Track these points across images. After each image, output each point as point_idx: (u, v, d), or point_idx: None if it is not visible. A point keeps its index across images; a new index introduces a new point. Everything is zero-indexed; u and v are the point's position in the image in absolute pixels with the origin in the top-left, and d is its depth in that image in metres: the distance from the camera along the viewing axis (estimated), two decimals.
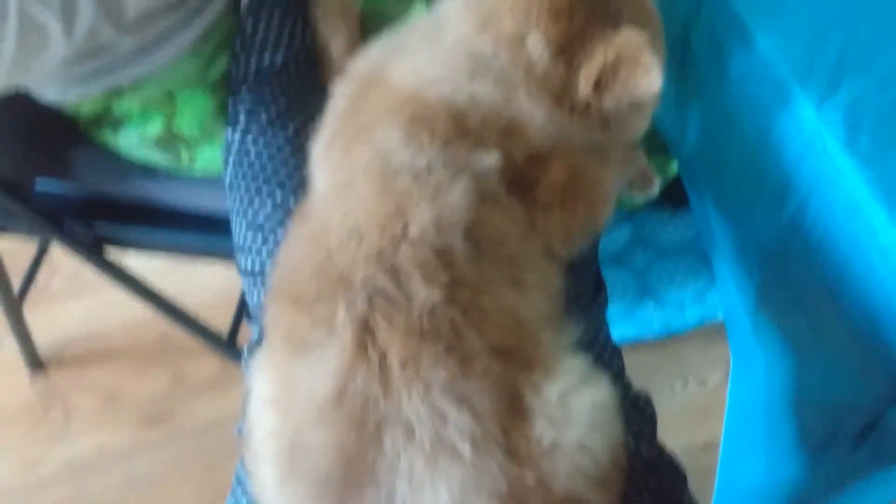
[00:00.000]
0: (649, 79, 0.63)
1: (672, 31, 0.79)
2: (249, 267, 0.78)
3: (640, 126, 0.73)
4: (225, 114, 0.86)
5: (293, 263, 0.67)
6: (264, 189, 0.78)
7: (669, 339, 1.43)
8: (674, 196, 1.16)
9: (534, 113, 0.67)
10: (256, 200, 0.78)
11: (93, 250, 1.02)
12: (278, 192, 0.77)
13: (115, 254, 1.06)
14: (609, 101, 0.66)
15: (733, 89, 0.80)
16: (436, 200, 0.62)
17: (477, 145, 0.66)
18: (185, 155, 0.92)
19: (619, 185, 0.78)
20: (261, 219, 0.77)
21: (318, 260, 0.64)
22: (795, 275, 0.81)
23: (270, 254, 0.76)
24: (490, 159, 0.65)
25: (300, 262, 0.66)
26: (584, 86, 0.65)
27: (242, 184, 0.79)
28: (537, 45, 0.65)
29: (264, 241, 0.77)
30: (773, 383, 0.98)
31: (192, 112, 0.88)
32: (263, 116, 0.81)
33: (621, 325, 1.40)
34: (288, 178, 0.78)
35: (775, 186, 0.78)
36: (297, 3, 0.86)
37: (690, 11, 0.83)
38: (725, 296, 1.08)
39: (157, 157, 0.94)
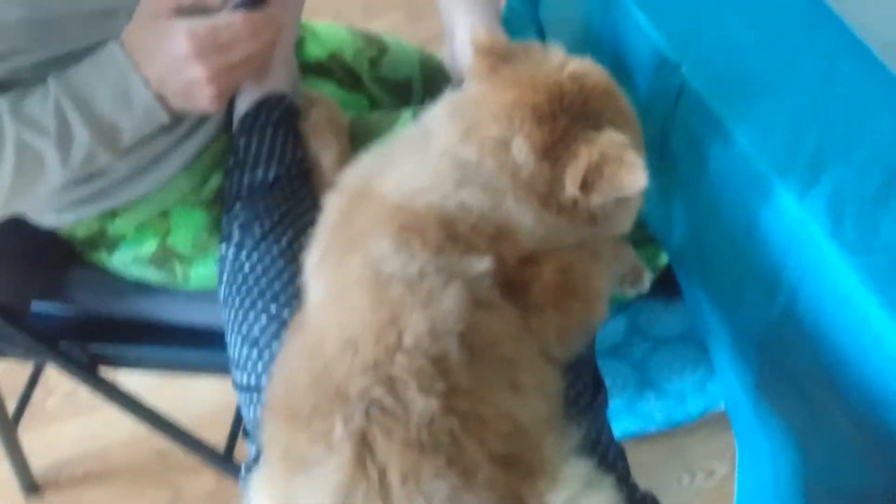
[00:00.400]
0: (635, 176, 0.65)
1: (650, 129, 0.82)
2: (245, 382, 0.77)
3: (628, 221, 0.74)
4: (219, 229, 0.88)
5: (289, 377, 0.66)
6: (259, 303, 0.78)
7: (673, 431, 1.41)
8: (666, 285, 1.16)
9: (523, 216, 0.68)
10: (251, 315, 0.78)
11: (88, 370, 1.02)
12: (273, 306, 0.78)
13: (109, 369, 1.05)
14: (597, 200, 0.67)
15: (715, 185, 0.81)
16: (429, 308, 0.63)
17: (468, 251, 0.66)
18: (179, 271, 0.93)
19: (612, 281, 0.79)
20: (256, 333, 0.77)
21: (314, 373, 0.63)
22: (792, 364, 0.81)
23: (266, 368, 0.76)
24: (482, 264, 0.66)
25: (296, 375, 0.65)
26: (570, 186, 0.67)
27: (237, 299, 0.79)
28: (522, 150, 0.67)
29: (259, 355, 0.76)
30: (779, 471, 0.97)
31: (187, 230, 0.90)
32: (257, 230, 0.82)
33: (623, 420, 1.38)
34: (282, 290, 0.78)
35: (764, 277, 0.78)
36: (287, 120, 0.89)
37: (667, 110, 0.86)
38: (726, 384, 1.08)
39: (151, 275, 0.94)
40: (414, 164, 0.70)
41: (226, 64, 0.77)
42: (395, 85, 1.13)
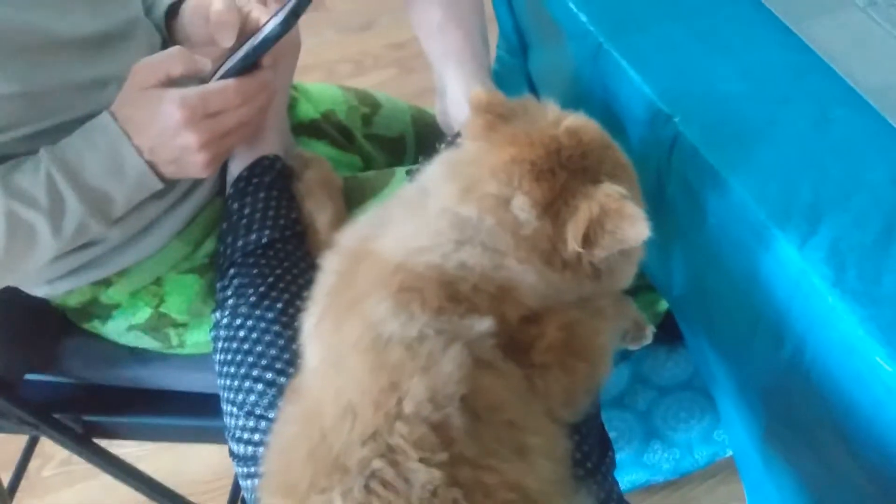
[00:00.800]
0: (637, 227, 0.64)
1: (646, 179, 0.81)
2: (242, 452, 0.75)
3: (630, 273, 0.73)
4: (213, 294, 0.86)
5: (285, 447, 0.65)
6: (254, 372, 0.77)
7: (680, 479, 1.39)
8: (667, 332, 1.15)
9: (525, 275, 0.67)
10: (247, 383, 0.76)
11: (82, 441, 0.99)
12: (268, 374, 0.76)
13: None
14: (600, 254, 0.66)
15: (714, 234, 0.81)
16: (429, 372, 0.61)
17: (469, 311, 0.65)
18: (174, 338, 0.92)
19: (616, 338, 0.77)
20: (251, 402, 0.75)
21: (312, 443, 0.62)
22: (801, 414, 0.79)
23: (263, 438, 0.74)
24: (483, 325, 0.65)
25: (293, 445, 0.64)
26: (572, 241, 0.66)
27: (231, 368, 0.78)
28: (523, 207, 0.66)
29: (256, 425, 0.75)
30: None
31: (181, 296, 0.88)
32: (251, 296, 0.81)
33: (630, 472, 1.36)
34: (278, 357, 0.77)
35: (769, 328, 0.77)
36: (280, 182, 0.88)
37: (662, 161, 0.85)
38: (733, 434, 1.05)
39: (146, 342, 0.93)
40: (412, 224, 0.70)
41: (217, 130, 0.77)
42: (388, 141, 1.13)
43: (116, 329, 0.91)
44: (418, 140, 1.14)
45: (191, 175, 0.80)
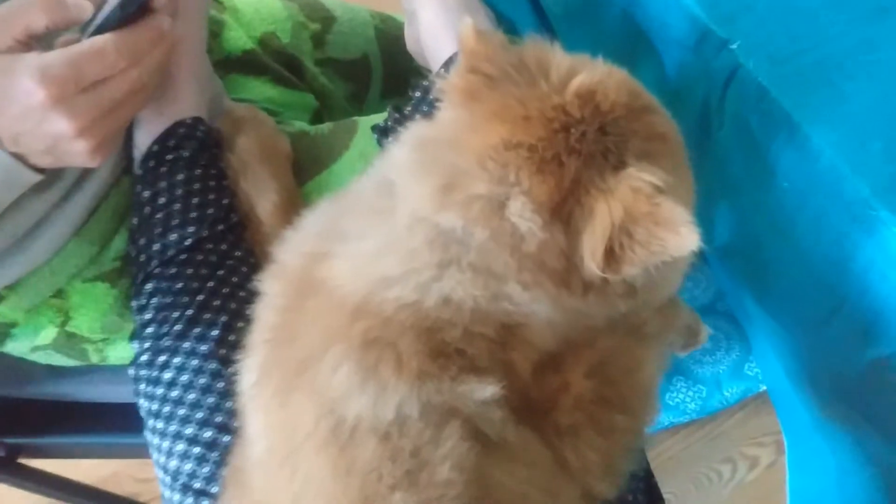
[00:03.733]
0: (679, 237, 0.44)
1: (687, 114, 0.61)
2: None
3: (677, 281, 0.55)
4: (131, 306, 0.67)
5: None
6: (187, 430, 0.58)
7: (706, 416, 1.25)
8: None
9: (534, 306, 0.48)
10: (179, 446, 0.58)
11: (6, 465, 0.82)
12: (206, 432, 0.58)
13: None
14: (629, 271, 0.47)
15: (785, 200, 0.61)
16: (417, 483, 0.43)
17: (464, 371, 0.47)
18: (93, 354, 0.73)
19: (664, 363, 0.58)
20: (188, 473, 0.58)
21: None
22: (879, 406, 0.66)
23: None
24: (486, 391, 0.46)
25: None
26: (590, 260, 0.46)
27: (160, 424, 0.60)
28: (523, 212, 0.46)
29: (196, 502, 0.57)
30: (848, 492, 0.81)
31: (91, 311, 0.69)
32: (177, 322, 0.61)
33: None
34: (217, 407, 0.59)
35: (857, 321, 0.60)
36: (205, 155, 0.67)
37: (711, 94, 0.65)
38: (769, 373, 0.92)
39: (59, 360, 0.74)
40: (374, 240, 0.50)
41: (100, 107, 0.55)
42: (347, 66, 0.90)
43: (19, 350, 0.72)
44: (386, 60, 0.91)
45: (75, 165, 0.59)
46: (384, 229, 0.50)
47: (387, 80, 0.92)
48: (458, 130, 0.50)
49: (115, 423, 0.81)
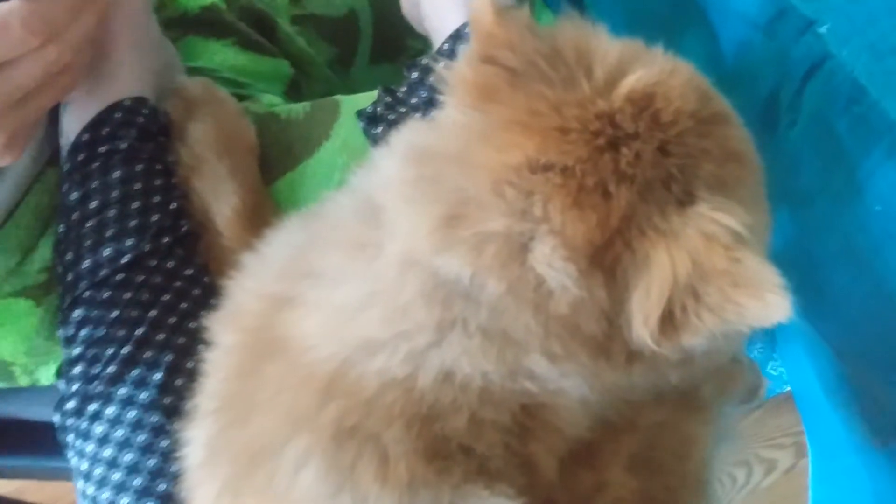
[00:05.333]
0: (764, 305, 0.34)
1: (746, 105, 0.49)
2: None
3: (739, 344, 0.44)
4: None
5: None
6: (122, 502, 0.47)
7: None
8: None
9: (564, 384, 0.37)
10: None
11: None
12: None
13: None
14: (690, 341, 0.36)
15: (873, 222, 0.51)
16: None
17: (470, 476, 0.35)
18: (23, 378, 0.60)
19: (717, 435, 0.47)
20: None
21: None
22: None
23: None
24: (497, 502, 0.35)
25: None
26: (642, 328, 0.35)
27: (89, 489, 0.48)
28: (552, 260, 0.34)
29: None
30: None
31: (13, 333, 0.56)
32: (111, 363, 0.49)
33: None
34: (157, 474, 0.47)
35: None
36: (149, 146, 0.54)
37: (786, 83, 0.53)
38: (798, 377, 0.85)
39: None
40: (354, 286, 0.38)
41: (9, 95, 0.43)
42: (330, 25, 0.76)
43: None
44: (377, 16, 0.77)
45: None
46: (367, 273, 0.38)
47: (377, 42, 0.78)
48: (467, 142, 0.37)
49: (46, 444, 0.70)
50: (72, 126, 0.54)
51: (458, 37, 0.52)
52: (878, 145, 0.46)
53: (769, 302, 0.33)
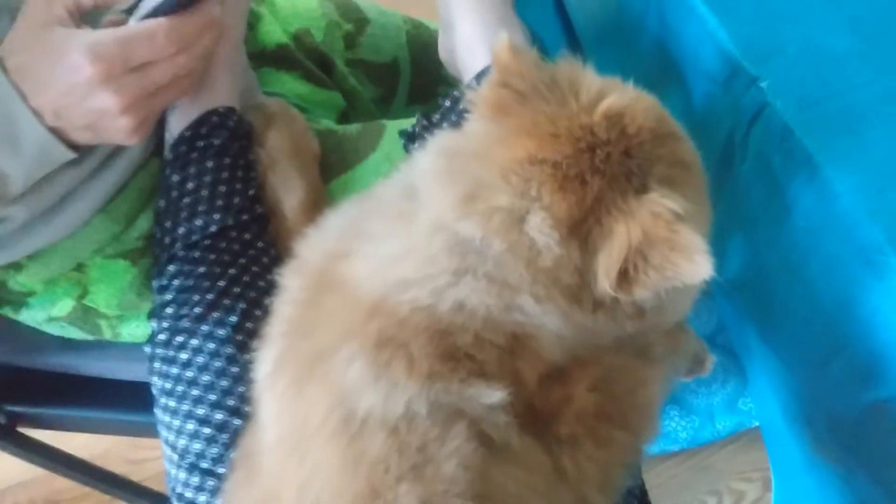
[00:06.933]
0: (693, 264, 0.46)
1: (708, 145, 0.62)
2: None
3: (686, 307, 0.56)
4: (150, 286, 0.68)
5: None
6: (199, 410, 0.59)
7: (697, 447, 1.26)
8: None
9: (545, 319, 0.49)
10: (190, 425, 0.59)
11: (6, 433, 0.83)
12: (217, 414, 0.59)
13: None
14: (641, 294, 0.48)
15: (800, 238, 0.63)
16: (423, 476, 0.45)
17: (472, 375, 0.48)
18: (107, 330, 0.74)
19: (667, 386, 0.59)
20: (196, 452, 0.59)
21: None
22: (874, 450, 0.66)
23: (211, 501, 0.58)
24: (493, 396, 0.48)
25: None
26: (604, 279, 0.48)
27: (172, 402, 0.61)
28: (542, 228, 0.48)
29: (202, 483, 0.59)
30: None
31: (109, 288, 0.70)
32: (197, 306, 0.62)
33: None
34: (229, 390, 0.60)
35: (857, 363, 0.61)
36: (235, 146, 0.68)
37: (736, 130, 0.66)
38: (763, 410, 0.93)
39: (72, 332, 0.75)
40: (395, 242, 0.51)
41: (145, 88, 0.57)
42: (376, 69, 0.91)
43: (33, 319, 0.73)
44: (414, 66, 0.93)
45: (113, 142, 0.61)
46: (405, 233, 0.51)
47: (414, 86, 0.94)
48: (485, 142, 0.51)
49: (116, 400, 0.82)
50: (177, 124, 0.68)
51: (482, 74, 0.66)
52: (800, 174, 0.59)
53: (697, 262, 0.46)
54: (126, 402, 0.82)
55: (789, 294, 0.69)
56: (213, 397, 0.60)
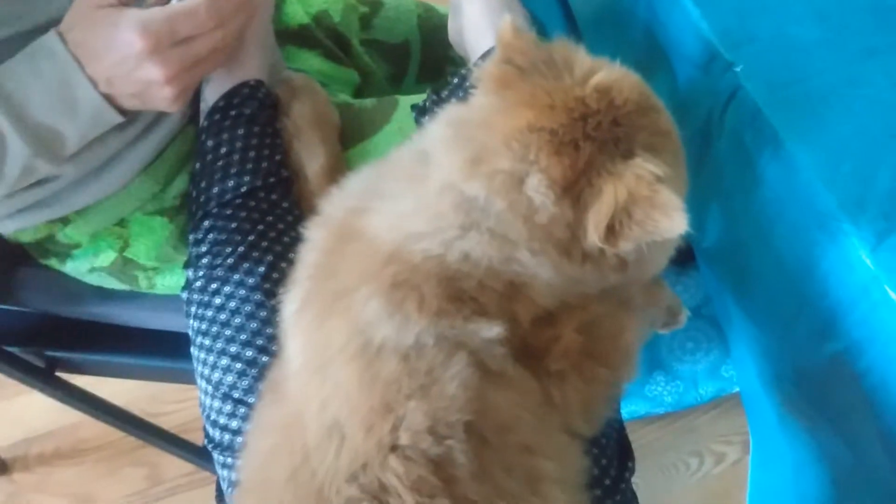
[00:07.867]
0: (670, 220, 0.52)
1: (690, 126, 0.69)
2: (219, 439, 0.67)
3: (663, 262, 0.63)
4: (184, 240, 0.76)
5: (265, 461, 0.56)
6: (231, 348, 0.67)
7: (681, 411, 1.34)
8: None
9: (539, 269, 0.56)
10: (224, 360, 0.67)
11: (45, 377, 0.91)
12: (248, 351, 0.67)
13: None
14: (625, 247, 0.55)
15: (767, 208, 0.70)
16: (429, 394, 0.52)
17: (474, 314, 0.55)
18: (143, 281, 0.81)
19: (644, 333, 0.67)
20: (229, 384, 0.66)
21: (293, 462, 0.54)
22: (832, 397, 0.72)
23: (242, 426, 0.65)
24: (491, 331, 0.55)
25: (272, 460, 0.56)
26: (593, 233, 0.54)
27: (207, 341, 0.68)
28: (538, 188, 0.54)
29: (234, 410, 0.66)
30: (803, 486, 0.90)
31: (148, 241, 0.77)
32: (229, 257, 0.70)
33: (630, 402, 1.30)
34: (259, 331, 0.67)
35: (817, 320, 0.68)
36: (263, 115, 0.75)
37: (714, 111, 0.73)
38: (743, 376, 1.00)
39: (111, 283, 0.83)
40: (409, 201, 0.58)
41: (188, 60, 0.64)
42: (389, 49, 0.98)
43: (77, 269, 0.81)
44: (424, 47, 1.00)
45: (156, 108, 0.68)
46: (418, 192, 0.58)
47: (423, 65, 1.01)
48: (489, 113, 0.58)
49: (146, 347, 0.90)
50: (212, 94, 0.75)
51: (487, 55, 0.74)
52: (767, 149, 0.66)
53: (674, 218, 0.52)
54: (155, 349, 0.90)
55: (760, 260, 0.76)
56: (243, 337, 0.67)
